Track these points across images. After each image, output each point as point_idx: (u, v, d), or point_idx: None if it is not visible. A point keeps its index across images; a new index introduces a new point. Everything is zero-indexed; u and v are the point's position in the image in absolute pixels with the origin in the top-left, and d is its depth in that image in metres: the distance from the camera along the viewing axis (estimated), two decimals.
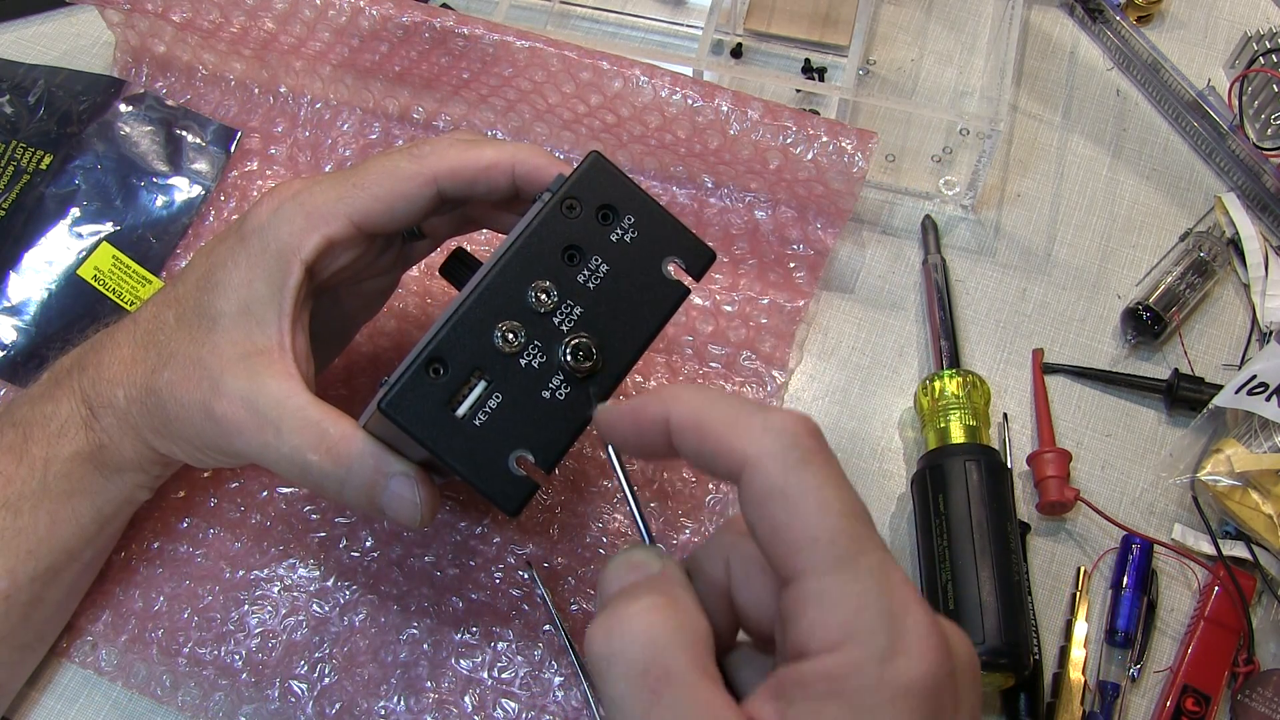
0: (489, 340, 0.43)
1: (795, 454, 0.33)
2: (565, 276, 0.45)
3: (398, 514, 0.50)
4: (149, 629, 0.60)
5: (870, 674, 0.30)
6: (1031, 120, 0.76)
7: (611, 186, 0.46)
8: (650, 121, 0.67)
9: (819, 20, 0.78)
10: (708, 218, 0.71)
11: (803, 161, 0.65)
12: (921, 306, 0.70)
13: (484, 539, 0.62)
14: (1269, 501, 0.60)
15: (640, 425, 0.37)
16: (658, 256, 0.47)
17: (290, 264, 0.50)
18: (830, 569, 0.31)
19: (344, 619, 0.60)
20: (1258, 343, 0.68)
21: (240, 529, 0.62)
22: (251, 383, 0.49)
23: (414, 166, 0.50)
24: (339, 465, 0.48)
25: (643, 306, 0.46)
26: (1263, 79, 0.72)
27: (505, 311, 0.44)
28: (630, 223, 0.46)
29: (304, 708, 0.58)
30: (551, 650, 0.59)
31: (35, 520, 0.54)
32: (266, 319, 0.50)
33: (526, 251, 0.44)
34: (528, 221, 0.45)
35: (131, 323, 0.55)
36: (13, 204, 0.71)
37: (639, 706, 0.31)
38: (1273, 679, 0.58)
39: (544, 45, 0.67)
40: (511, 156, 0.51)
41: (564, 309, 0.45)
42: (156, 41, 0.76)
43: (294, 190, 0.51)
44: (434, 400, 0.43)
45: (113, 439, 0.54)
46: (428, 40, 0.69)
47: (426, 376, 0.42)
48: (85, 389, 0.54)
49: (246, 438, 0.50)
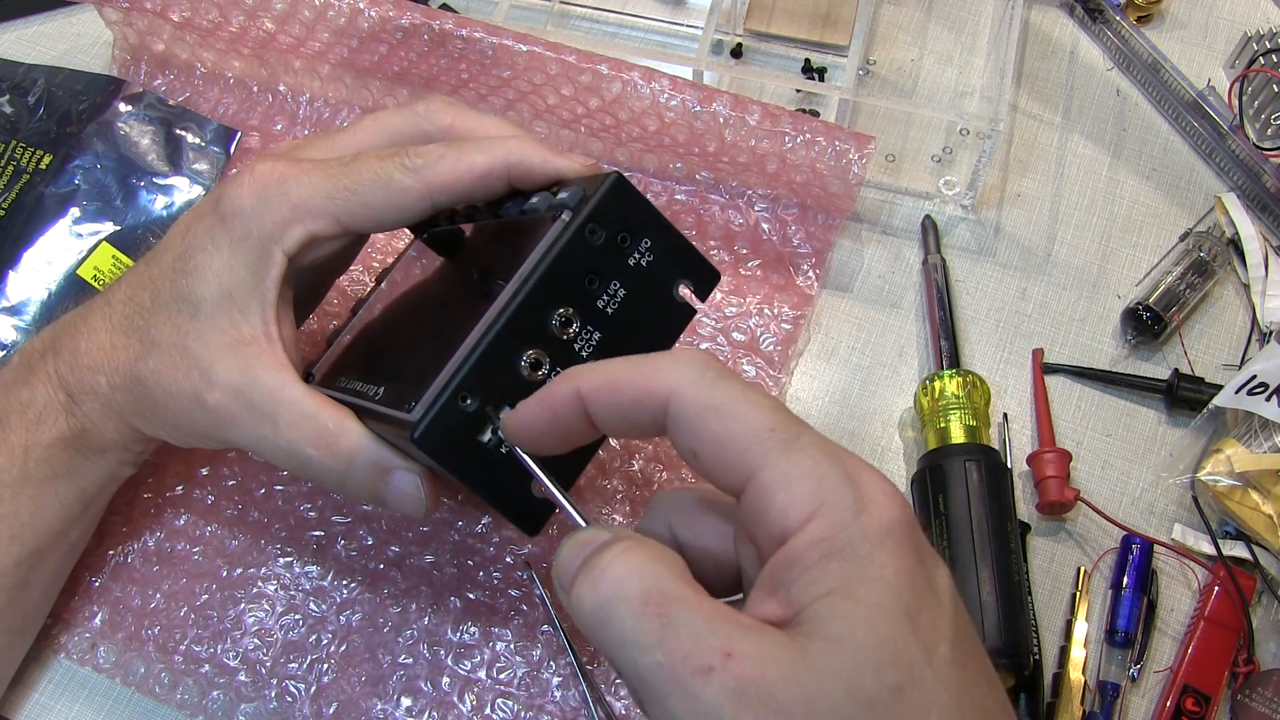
0: (514, 368, 0.43)
1: (710, 373, 0.34)
2: (585, 302, 0.44)
3: (401, 506, 0.50)
4: (146, 626, 0.60)
5: (852, 527, 0.32)
6: (1031, 120, 0.76)
7: (631, 210, 0.45)
8: (649, 125, 0.67)
9: (819, 20, 0.78)
10: (708, 215, 0.71)
11: (801, 166, 0.65)
12: (921, 306, 0.69)
13: (483, 539, 0.61)
14: (1269, 501, 0.60)
15: (554, 410, 0.37)
16: (670, 279, 0.46)
17: (272, 253, 0.50)
18: (782, 453, 0.33)
19: (341, 618, 0.60)
20: (1258, 343, 0.68)
21: (238, 526, 0.62)
22: (244, 375, 0.49)
23: (408, 180, 0.49)
24: (339, 460, 0.48)
25: (655, 329, 0.46)
26: (1263, 79, 0.72)
27: (529, 339, 0.43)
28: (646, 246, 0.46)
29: (301, 707, 0.58)
30: (550, 650, 0.59)
31: (18, 506, 0.53)
32: (249, 307, 0.50)
33: (550, 278, 0.44)
34: (548, 245, 0.44)
35: (105, 304, 0.54)
36: (12, 204, 0.71)
37: (650, 636, 0.31)
38: (1273, 679, 0.58)
39: (542, 49, 0.66)
40: (504, 160, 0.50)
41: (584, 335, 0.44)
42: (155, 39, 0.76)
43: (278, 175, 0.50)
44: (463, 431, 0.42)
45: (95, 423, 0.54)
46: (427, 42, 0.69)
47: (456, 407, 0.42)
48: (63, 375, 0.53)
49: (241, 429, 0.49)
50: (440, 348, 0.46)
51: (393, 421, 0.44)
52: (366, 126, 0.54)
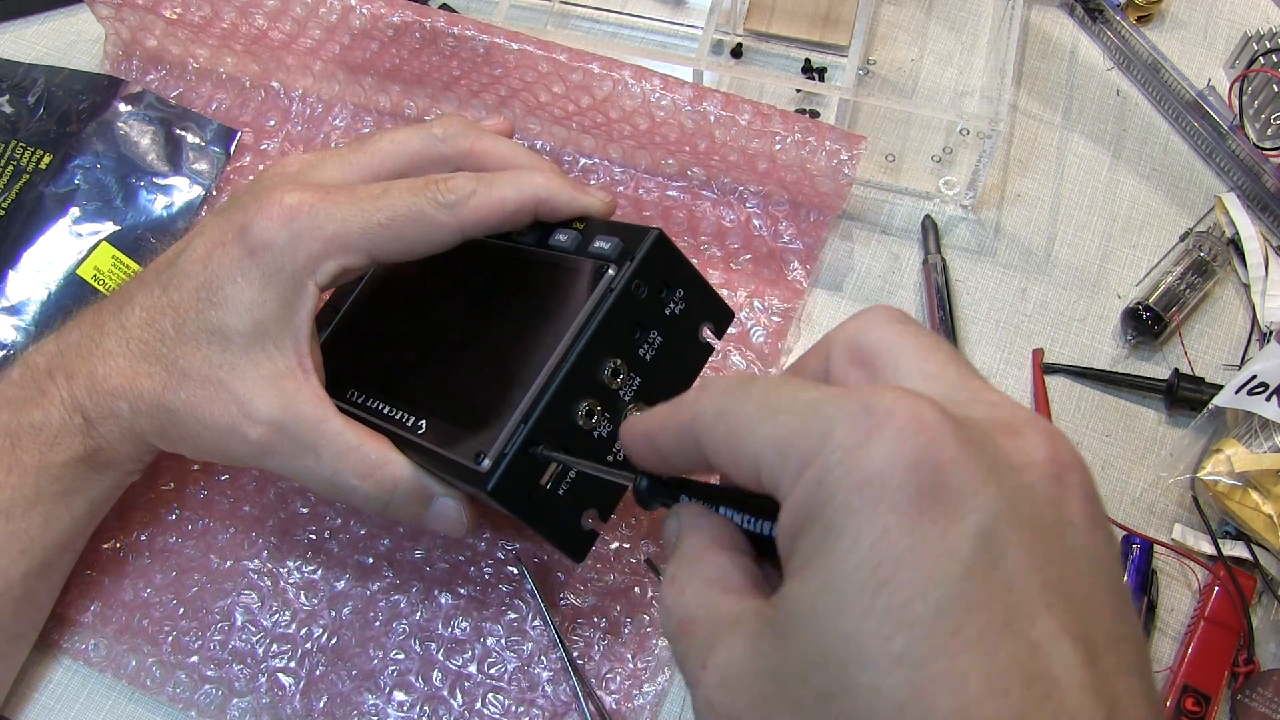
0: (572, 418, 0.46)
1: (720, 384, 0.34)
2: (631, 352, 0.47)
3: (441, 528, 0.53)
4: (137, 619, 0.60)
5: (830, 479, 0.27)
6: (1031, 120, 0.76)
7: (670, 265, 0.48)
8: (639, 124, 0.67)
9: (819, 20, 0.78)
10: (700, 211, 0.70)
11: (791, 165, 0.65)
12: (921, 306, 0.69)
13: (474, 534, 0.61)
14: (1269, 501, 0.60)
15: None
16: (697, 323, 0.50)
17: (306, 286, 0.51)
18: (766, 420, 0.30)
19: (332, 612, 0.60)
20: (1258, 343, 0.67)
21: (230, 520, 0.62)
22: (284, 409, 0.50)
23: (442, 216, 0.50)
24: (383, 490, 0.50)
25: (682, 370, 0.50)
26: (1263, 79, 0.72)
27: (584, 390, 0.46)
28: (680, 296, 0.48)
29: (292, 700, 0.57)
30: (540, 646, 0.59)
31: (28, 523, 0.53)
32: (283, 341, 0.51)
33: (603, 331, 0.46)
34: (599, 299, 0.47)
35: (119, 328, 0.53)
36: (12, 203, 0.71)
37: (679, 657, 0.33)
38: (1273, 679, 0.57)
39: (533, 48, 0.66)
40: (533, 196, 0.51)
41: (628, 381, 0.47)
42: (147, 35, 0.76)
43: (309, 207, 0.50)
44: (529, 478, 0.46)
45: (111, 443, 0.54)
46: (419, 40, 0.69)
47: (524, 458, 0.45)
48: (79, 399, 0.53)
49: (282, 459, 0.51)
50: (481, 384, 0.49)
51: (452, 465, 0.47)
52: (384, 148, 0.55)
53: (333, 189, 0.51)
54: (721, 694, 0.30)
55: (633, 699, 0.57)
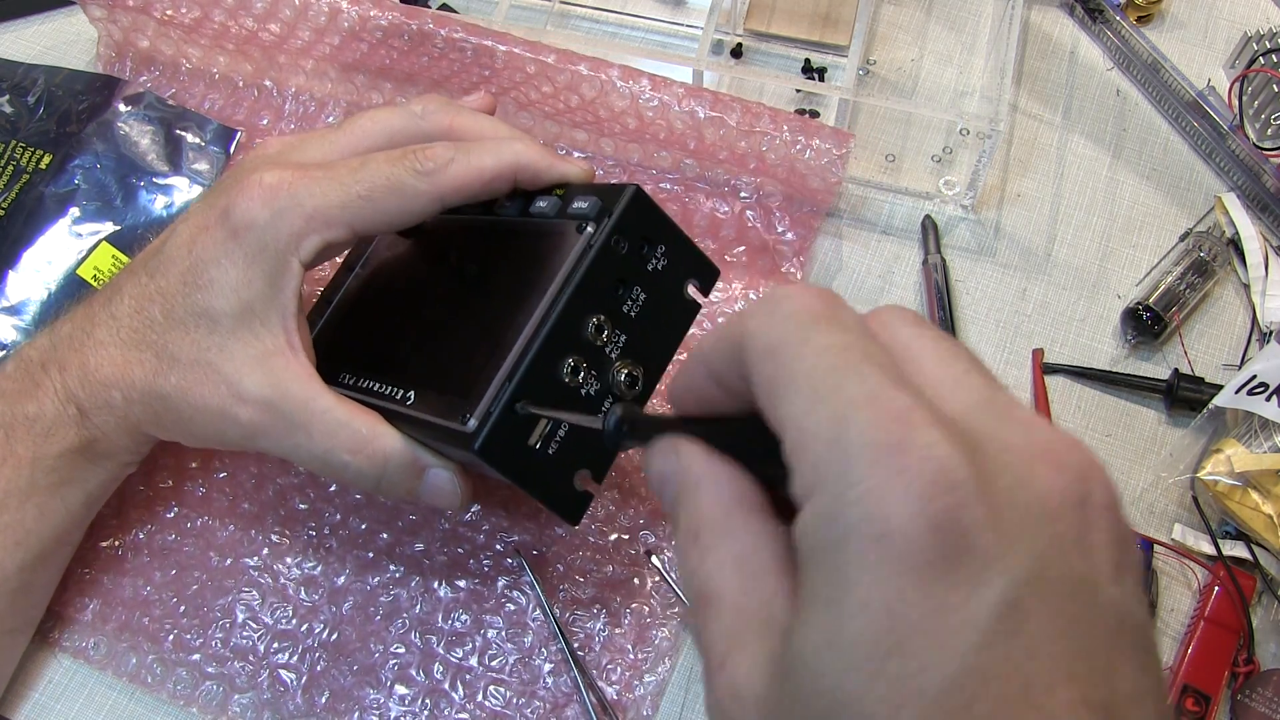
0: (557, 375, 0.46)
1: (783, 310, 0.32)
2: (614, 308, 0.47)
3: (436, 501, 0.52)
4: (137, 617, 0.60)
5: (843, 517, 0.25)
6: (1031, 120, 0.76)
7: (651, 220, 0.48)
8: (628, 124, 0.67)
9: (819, 20, 0.78)
10: (694, 205, 0.70)
11: (781, 164, 0.66)
12: (921, 306, 0.69)
13: (473, 527, 0.61)
14: (1269, 501, 0.60)
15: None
16: (681, 280, 0.49)
17: (290, 264, 0.50)
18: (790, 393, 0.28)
19: (332, 607, 0.60)
20: (1258, 343, 0.67)
21: (229, 517, 0.62)
22: (274, 388, 0.50)
23: (421, 185, 0.50)
24: (375, 464, 0.50)
25: (669, 327, 0.49)
26: (1263, 79, 0.72)
27: (569, 346, 0.46)
28: (662, 251, 0.48)
29: (294, 696, 0.57)
30: (541, 637, 0.59)
31: (23, 514, 0.53)
32: (270, 319, 0.51)
33: (585, 287, 0.46)
34: (579, 256, 0.47)
35: (110, 318, 0.53)
36: (12, 203, 0.71)
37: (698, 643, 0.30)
38: (1273, 679, 0.57)
39: (521, 50, 0.67)
40: (512, 163, 0.51)
41: (614, 338, 0.47)
42: (139, 35, 0.76)
43: (288, 185, 0.50)
44: (516, 437, 0.45)
45: (106, 433, 0.54)
46: (406, 41, 0.69)
47: (510, 416, 0.45)
48: (72, 390, 0.53)
49: (274, 439, 0.51)
50: (466, 351, 0.48)
51: (440, 430, 0.47)
52: (364, 126, 0.55)
53: (312, 166, 0.52)
54: (733, 705, 0.29)
55: (633, 689, 0.57)
